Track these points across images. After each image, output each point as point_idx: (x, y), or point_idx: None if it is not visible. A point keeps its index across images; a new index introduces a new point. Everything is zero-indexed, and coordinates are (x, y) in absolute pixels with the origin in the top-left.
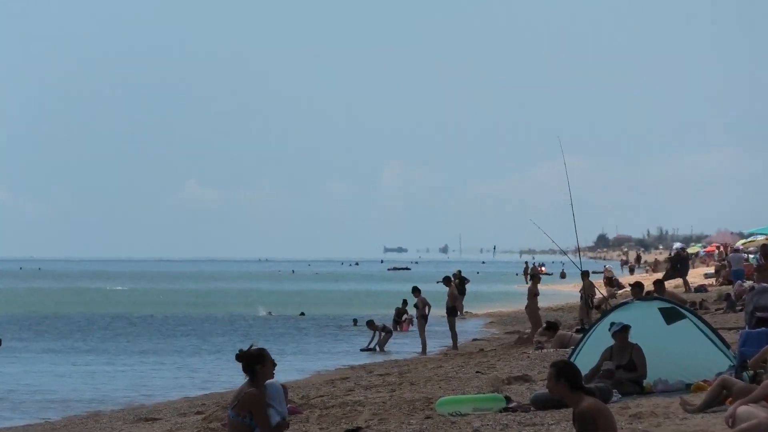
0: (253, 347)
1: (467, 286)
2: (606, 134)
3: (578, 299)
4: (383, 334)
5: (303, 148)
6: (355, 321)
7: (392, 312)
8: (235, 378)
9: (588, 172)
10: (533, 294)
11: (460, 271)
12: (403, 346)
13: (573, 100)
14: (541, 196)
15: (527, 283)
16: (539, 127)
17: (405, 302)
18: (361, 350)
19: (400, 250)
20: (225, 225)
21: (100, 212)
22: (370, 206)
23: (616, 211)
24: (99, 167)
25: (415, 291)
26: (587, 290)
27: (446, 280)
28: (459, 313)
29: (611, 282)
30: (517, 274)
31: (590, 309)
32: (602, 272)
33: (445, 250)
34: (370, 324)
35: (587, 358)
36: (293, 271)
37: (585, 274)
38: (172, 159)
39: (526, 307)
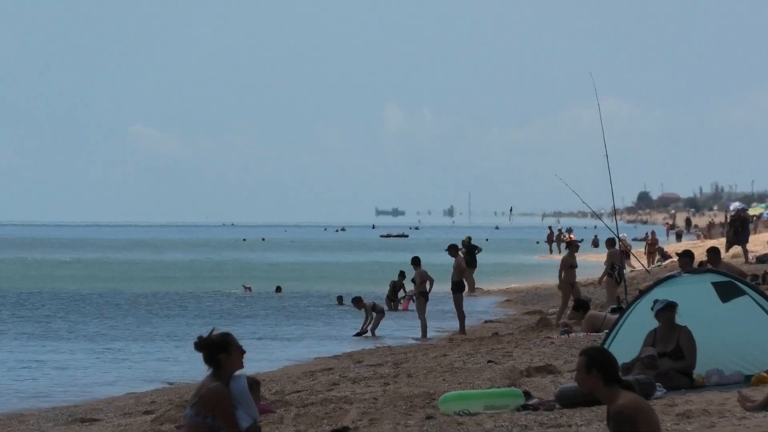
0: (215, 332)
1: (478, 256)
2: (649, 72)
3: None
4: (374, 314)
5: (284, 88)
6: (339, 299)
7: (386, 289)
8: (193, 370)
9: (627, 118)
10: (569, 266)
11: (469, 238)
12: (399, 329)
13: (608, 30)
14: (569, 147)
15: (552, 253)
16: (568, 63)
17: (402, 274)
18: (355, 336)
19: (395, 212)
20: (183, 182)
21: (28, 168)
22: (361, 157)
23: (662, 165)
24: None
25: (415, 262)
26: (614, 260)
27: (452, 249)
28: (468, 289)
29: (656, 250)
30: (538, 242)
31: (618, 284)
32: (644, 239)
33: (450, 212)
34: (357, 302)
35: (625, 343)
36: (263, 239)
37: (610, 242)
38: (116, 99)
39: (559, 285)
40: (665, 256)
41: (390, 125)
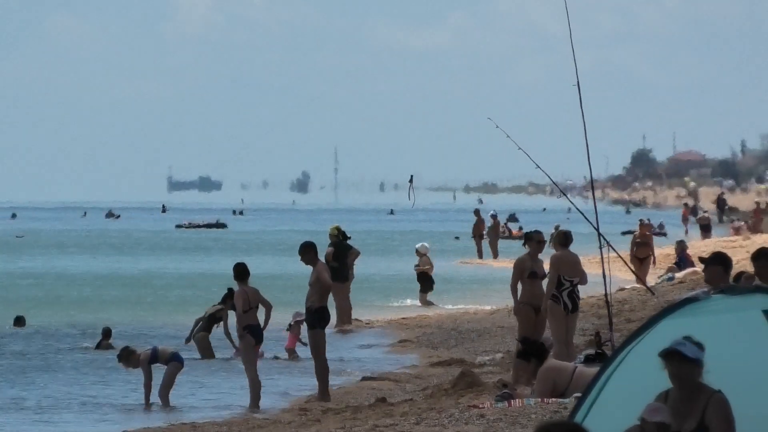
0: None
1: (355, 262)
2: None
3: (599, 289)
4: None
5: None
6: (107, 333)
7: (190, 320)
8: None
9: (615, 17)
10: (528, 274)
11: (339, 230)
12: (214, 390)
13: None
14: (508, 61)
15: (483, 257)
16: None
17: (231, 294)
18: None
19: (205, 185)
20: None
21: None
22: (138, 82)
23: (675, 103)
24: None
25: (240, 273)
26: (562, 270)
27: (308, 252)
28: (336, 320)
29: (649, 254)
30: (458, 238)
31: (572, 311)
32: (632, 232)
33: (302, 184)
34: (127, 357)
35: (613, 415)
36: None
37: (560, 238)
38: None
39: (516, 308)
40: (684, 262)
41: (186, 17)
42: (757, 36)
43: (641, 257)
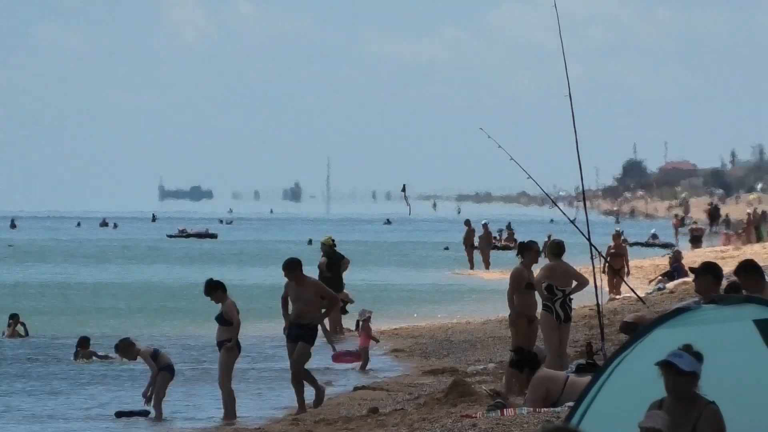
0: None
1: (345, 274)
2: None
3: (591, 300)
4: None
5: None
6: (84, 342)
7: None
8: None
9: (608, 28)
10: (525, 284)
11: (331, 241)
12: (197, 402)
13: None
14: (501, 73)
15: (474, 268)
16: None
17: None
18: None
19: (195, 194)
20: None
21: None
22: (131, 89)
23: (667, 113)
24: None
25: (211, 289)
26: (555, 279)
27: (292, 269)
28: (328, 330)
29: (623, 265)
30: (447, 248)
31: (565, 321)
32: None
33: (295, 193)
34: (125, 348)
35: (605, 420)
36: None
37: (554, 248)
38: None
39: (511, 319)
40: (679, 271)
41: (178, 28)
42: (747, 47)
43: (616, 268)
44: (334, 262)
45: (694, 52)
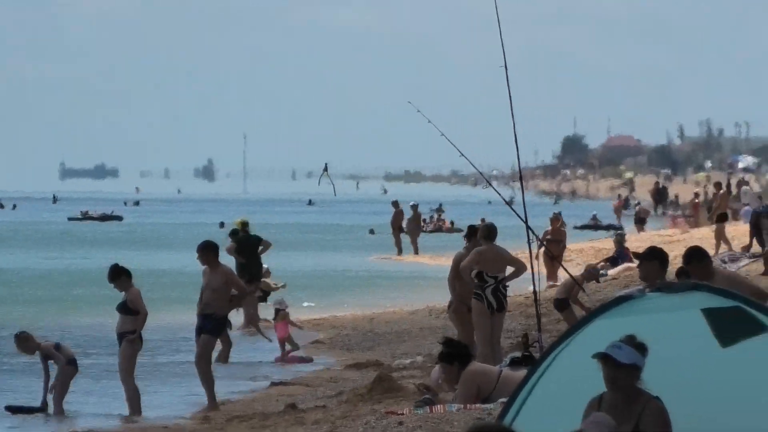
0: None
1: (264, 257)
2: None
3: (527, 287)
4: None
5: None
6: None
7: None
8: None
9: (550, 8)
10: (468, 271)
11: (244, 224)
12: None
13: None
14: (429, 42)
15: (402, 253)
16: None
17: None
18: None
19: (99, 172)
20: None
21: None
22: (37, 63)
23: (611, 86)
24: None
25: (115, 275)
26: (484, 264)
27: (207, 253)
28: (243, 322)
29: (561, 251)
30: (372, 232)
31: (498, 310)
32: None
33: (208, 172)
34: (24, 341)
35: (542, 421)
36: None
37: (486, 234)
38: None
39: (453, 307)
40: (623, 257)
41: None
42: (697, 21)
43: (555, 253)
44: (246, 246)
45: (641, 22)
